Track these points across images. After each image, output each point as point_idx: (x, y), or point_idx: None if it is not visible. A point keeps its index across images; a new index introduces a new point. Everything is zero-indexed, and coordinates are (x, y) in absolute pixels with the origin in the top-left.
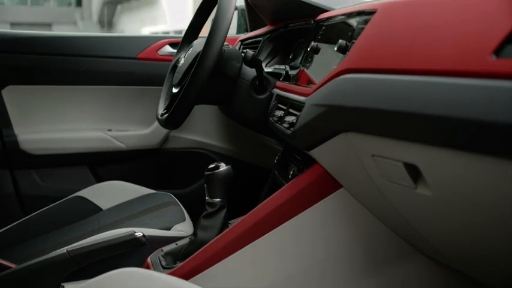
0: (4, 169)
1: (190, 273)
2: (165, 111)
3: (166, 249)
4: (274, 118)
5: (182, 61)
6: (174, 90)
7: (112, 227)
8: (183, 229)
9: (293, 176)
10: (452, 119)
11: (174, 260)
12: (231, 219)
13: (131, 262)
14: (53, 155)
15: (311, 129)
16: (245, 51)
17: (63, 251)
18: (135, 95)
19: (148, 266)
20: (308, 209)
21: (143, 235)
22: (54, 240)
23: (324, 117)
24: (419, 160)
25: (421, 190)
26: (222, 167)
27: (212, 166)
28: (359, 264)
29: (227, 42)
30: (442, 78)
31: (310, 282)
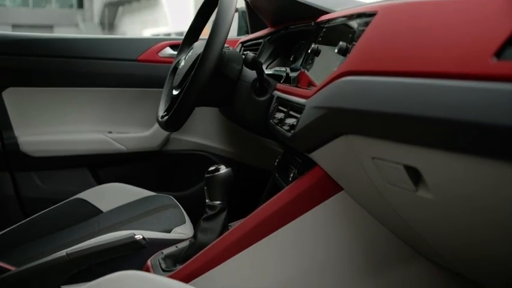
0: (4, 171)
1: (190, 276)
2: (166, 113)
3: (166, 251)
4: (274, 120)
5: (183, 63)
6: (175, 92)
7: (112, 229)
8: (183, 232)
9: (293, 178)
10: (453, 122)
11: (174, 262)
12: (231, 222)
13: (131, 265)
14: (54, 157)
15: (311, 132)
16: (246, 53)
17: (63, 253)
18: (136, 97)
19: (148, 268)
20: (308, 212)
21: (143, 238)
22: (54, 243)
23: (324, 120)
24: (419, 163)
25: (421, 193)
26: (222, 170)
27: (212, 168)
28: (359, 266)
29: (228, 44)
30: (443, 81)
31: (310, 284)
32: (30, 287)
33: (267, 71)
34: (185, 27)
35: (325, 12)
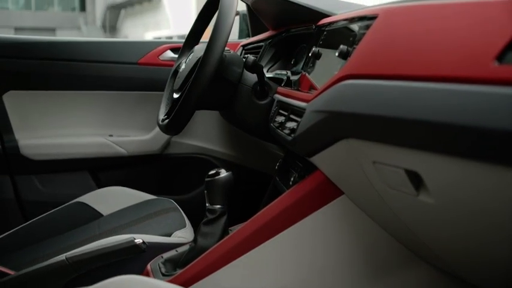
0: (5, 174)
1: (190, 280)
2: (166, 117)
3: (166, 256)
4: (275, 124)
5: (183, 66)
6: (175, 95)
7: (112, 233)
8: (184, 236)
9: (294, 182)
10: (453, 126)
11: (174, 267)
12: (231, 226)
13: (131, 269)
14: (54, 161)
15: (312, 136)
16: (246, 56)
17: (62, 257)
18: (136, 100)
19: (148, 273)
20: (309, 216)
21: (143, 242)
22: (55, 246)
23: (324, 124)
24: (420, 167)
25: (422, 197)
26: (223, 174)
27: (212, 172)
28: (359, 270)
29: (228, 48)
30: (444, 85)
31: None
32: None
33: (268, 75)
34: (187, 30)
35: (326, 16)
